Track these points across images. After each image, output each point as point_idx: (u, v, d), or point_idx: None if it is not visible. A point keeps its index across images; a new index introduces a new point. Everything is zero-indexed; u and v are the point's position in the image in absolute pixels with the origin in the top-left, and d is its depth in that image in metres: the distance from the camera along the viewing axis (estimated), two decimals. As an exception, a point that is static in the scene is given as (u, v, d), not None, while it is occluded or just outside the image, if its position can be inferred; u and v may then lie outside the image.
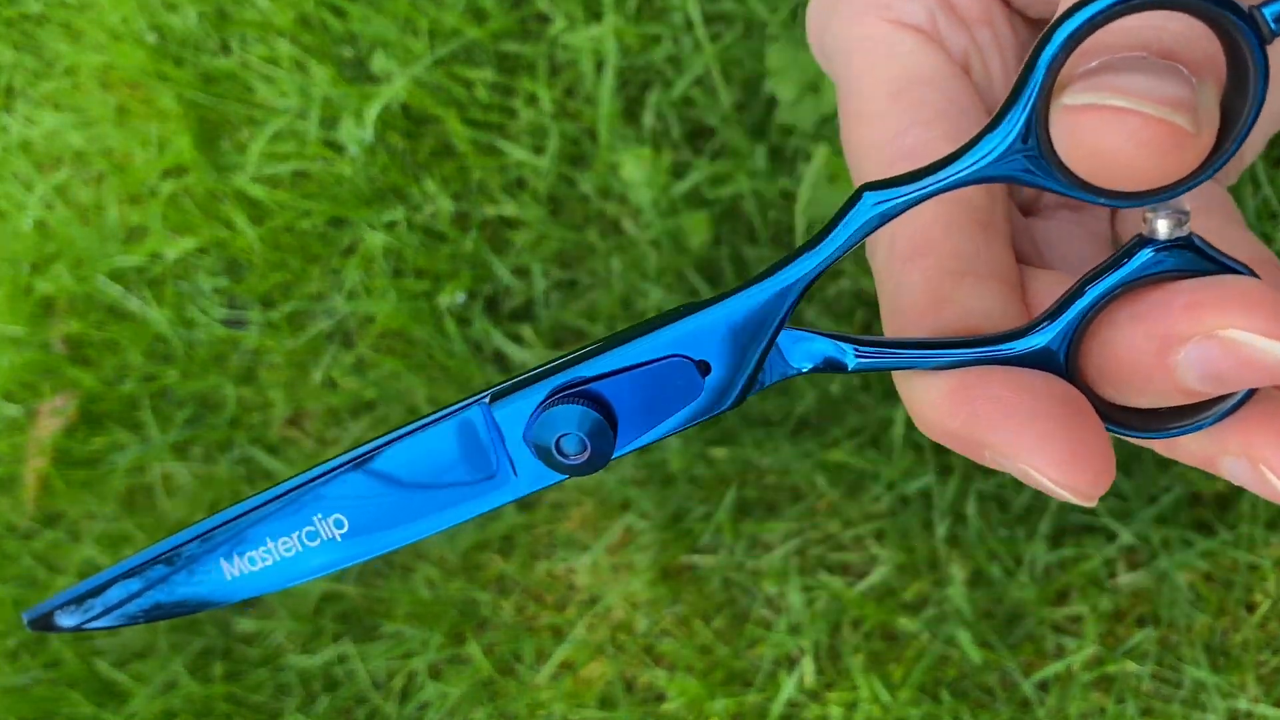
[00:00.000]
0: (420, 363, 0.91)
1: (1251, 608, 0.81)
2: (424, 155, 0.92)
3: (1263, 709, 0.80)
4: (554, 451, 0.25)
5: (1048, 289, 0.26)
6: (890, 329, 0.27)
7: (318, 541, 0.27)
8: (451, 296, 0.90)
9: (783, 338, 0.25)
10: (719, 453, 0.86)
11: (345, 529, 0.27)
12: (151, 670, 0.92)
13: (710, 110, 0.87)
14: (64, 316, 0.98)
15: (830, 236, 0.24)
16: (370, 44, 0.93)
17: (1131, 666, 0.81)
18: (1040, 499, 0.83)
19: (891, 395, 0.85)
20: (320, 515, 0.27)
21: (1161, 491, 0.82)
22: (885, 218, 0.24)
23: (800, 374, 0.26)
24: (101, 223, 0.97)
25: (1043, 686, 0.82)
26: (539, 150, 0.90)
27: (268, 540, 0.27)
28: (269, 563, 0.27)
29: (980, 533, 0.83)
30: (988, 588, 0.83)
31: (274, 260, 0.94)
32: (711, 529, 0.86)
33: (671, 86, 0.88)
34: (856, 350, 0.25)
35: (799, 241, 0.85)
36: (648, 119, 0.88)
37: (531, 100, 0.90)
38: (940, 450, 0.85)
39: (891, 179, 0.24)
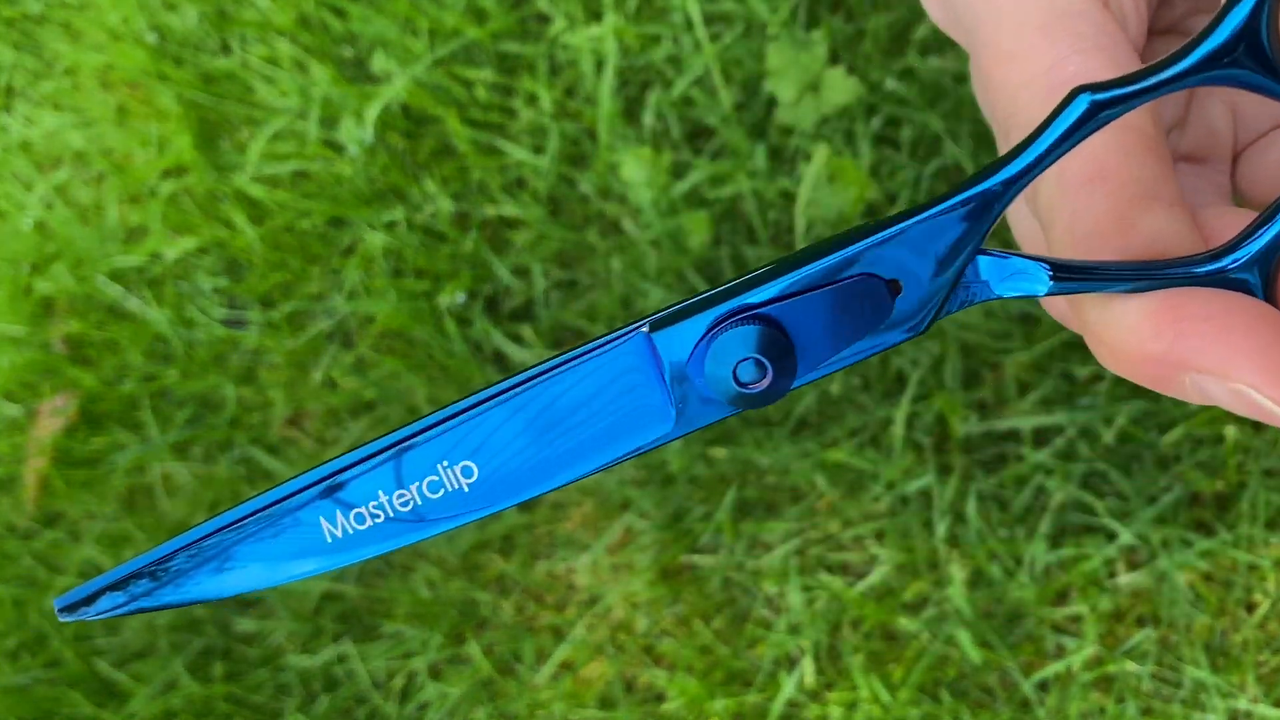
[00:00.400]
0: (420, 363, 0.91)
1: (1251, 608, 0.81)
2: (424, 155, 0.92)
3: (1263, 709, 0.80)
4: (731, 380, 0.23)
5: (1219, 220, 0.25)
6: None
7: (440, 493, 0.24)
8: (451, 296, 0.90)
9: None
10: (719, 453, 0.86)
11: (474, 477, 0.24)
12: (151, 670, 0.92)
13: (710, 110, 0.87)
14: (64, 316, 0.98)
15: (1043, 136, 0.22)
16: (370, 44, 0.93)
17: (1131, 666, 0.81)
18: (1040, 499, 0.83)
19: (891, 395, 0.85)
20: (445, 463, 0.24)
21: (1161, 491, 0.82)
22: (1100, 117, 0.22)
23: (996, 299, 0.24)
24: (101, 223, 0.97)
25: (1043, 686, 0.82)
26: (539, 150, 0.90)
27: (379, 494, 0.24)
28: (379, 520, 0.24)
29: (980, 533, 0.83)
30: (988, 588, 0.83)
31: (274, 260, 0.94)
32: (711, 529, 0.86)
33: (671, 86, 0.88)
34: (1051, 273, 0.23)
35: (799, 241, 0.85)
36: (648, 119, 0.88)
37: (531, 100, 0.90)
38: (940, 450, 0.85)
39: (1105, 82, 0.22)
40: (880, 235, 0.23)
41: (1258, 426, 0.82)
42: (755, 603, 0.86)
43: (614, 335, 0.24)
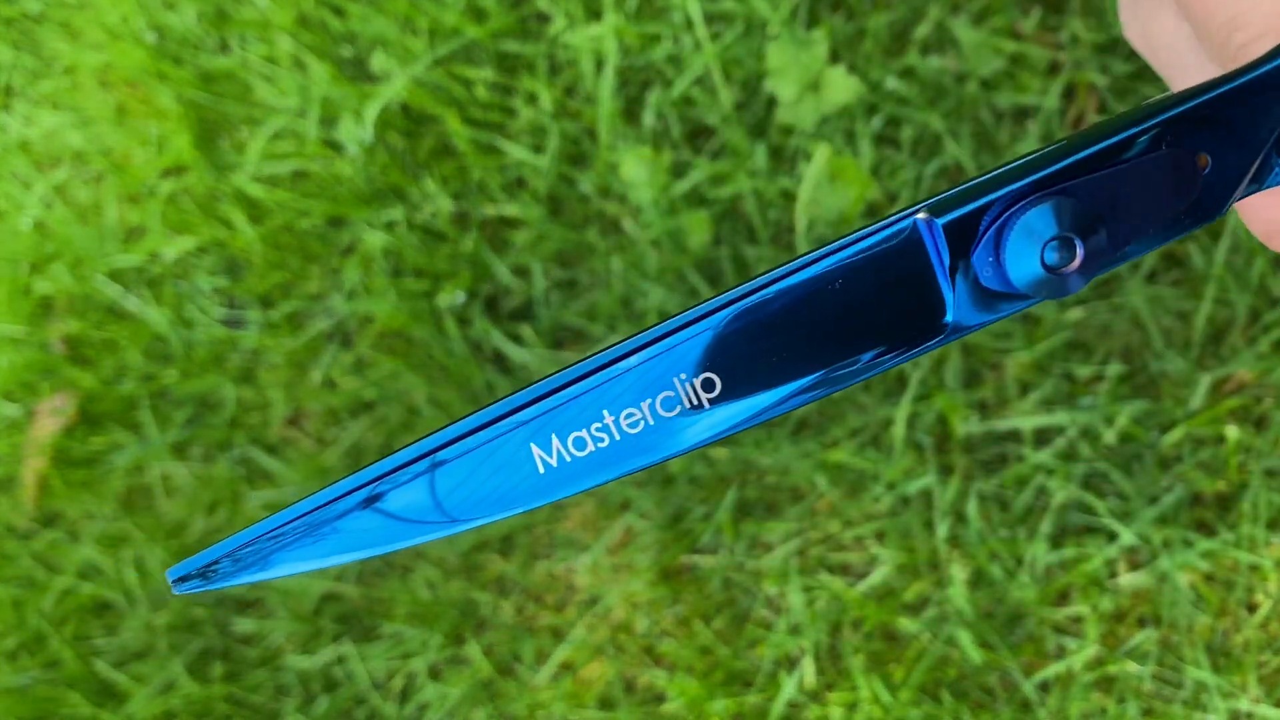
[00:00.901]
0: (420, 363, 0.90)
1: (1252, 608, 0.81)
2: (424, 155, 0.92)
3: (1264, 709, 0.80)
4: (1038, 263, 0.20)
5: None
6: None
7: (676, 410, 0.21)
8: (451, 296, 0.90)
9: None
10: (719, 453, 0.86)
11: (716, 391, 0.21)
12: (151, 670, 0.92)
13: (710, 110, 0.87)
14: (63, 316, 0.98)
15: None
16: (370, 43, 0.93)
17: (1132, 667, 0.81)
18: (1041, 499, 0.83)
19: (892, 395, 0.84)
20: (683, 376, 0.21)
21: (1162, 492, 0.82)
22: None
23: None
24: (100, 222, 0.97)
25: (1043, 687, 0.82)
26: (539, 150, 0.89)
27: (604, 414, 0.21)
28: (604, 444, 0.21)
29: (981, 533, 0.83)
30: (988, 588, 0.83)
31: (273, 260, 0.93)
32: (711, 529, 0.86)
33: (671, 86, 0.88)
34: None
35: (799, 241, 0.85)
36: (648, 119, 0.88)
37: (531, 100, 0.90)
38: (941, 450, 0.84)
39: None
40: (1185, 106, 0.21)
41: (1259, 426, 0.82)
42: (755, 603, 0.86)
43: (883, 222, 0.21)
